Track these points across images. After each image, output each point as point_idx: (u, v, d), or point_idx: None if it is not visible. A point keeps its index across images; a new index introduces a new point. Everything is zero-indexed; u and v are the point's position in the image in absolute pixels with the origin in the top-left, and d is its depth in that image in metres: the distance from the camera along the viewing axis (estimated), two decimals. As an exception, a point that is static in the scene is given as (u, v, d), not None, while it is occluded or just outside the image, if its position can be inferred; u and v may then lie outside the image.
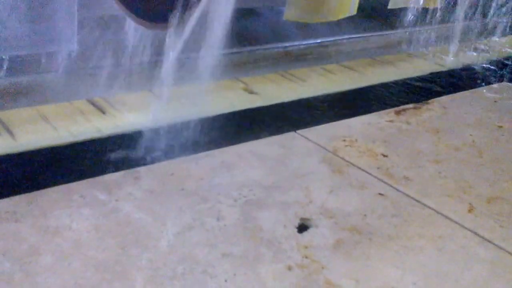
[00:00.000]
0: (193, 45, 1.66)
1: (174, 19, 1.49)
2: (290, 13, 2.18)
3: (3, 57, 1.64)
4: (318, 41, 2.58)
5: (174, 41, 1.66)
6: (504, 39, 3.31)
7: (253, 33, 2.38)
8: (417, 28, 2.79)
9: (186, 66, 1.71)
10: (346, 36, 2.70)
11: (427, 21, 2.75)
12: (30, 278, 1.03)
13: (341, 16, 2.29)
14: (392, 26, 2.78)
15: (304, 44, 2.53)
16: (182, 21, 1.47)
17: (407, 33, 2.81)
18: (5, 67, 1.66)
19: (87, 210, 1.24)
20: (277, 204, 1.37)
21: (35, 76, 1.76)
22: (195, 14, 1.42)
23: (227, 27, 1.64)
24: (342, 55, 2.62)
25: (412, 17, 2.65)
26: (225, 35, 1.65)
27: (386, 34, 2.86)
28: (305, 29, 2.49)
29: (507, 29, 3.34)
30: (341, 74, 2.41)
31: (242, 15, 2.27)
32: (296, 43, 2.51)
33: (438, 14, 2.76)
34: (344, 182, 1.51)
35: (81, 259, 1.10)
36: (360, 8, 2.36)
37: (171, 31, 1.52)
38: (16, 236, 1.13)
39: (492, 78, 2.59)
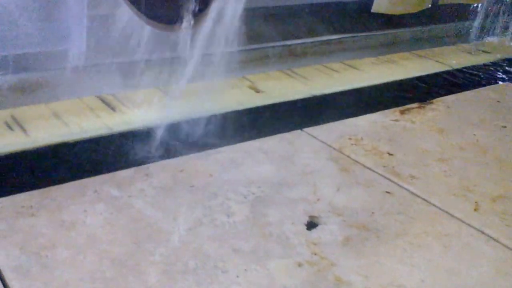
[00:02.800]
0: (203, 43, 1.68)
1: (185, 21, 1.49)
2: (378, 6, 2.33)
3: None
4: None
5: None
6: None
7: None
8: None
9: (194, 64, 1.73)
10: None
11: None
12: (47, 271, 1.05)
13: (421, 8, 2.44)
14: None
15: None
16: (193, 23, 1.48)
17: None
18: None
19: (101, 206, 1.27)
20: (285, 201, 1.39)
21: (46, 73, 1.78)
22: (206, 16, 1.43)
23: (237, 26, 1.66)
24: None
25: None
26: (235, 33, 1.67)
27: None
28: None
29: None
30: (345, 72, 2.43)
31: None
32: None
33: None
34: (351, 180, 1.53)
35: (96, 253, 1.12)
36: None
37: (182, 32, 1.53)
38: (33, 230, 1.15)
39: (495, 78, 2.61)
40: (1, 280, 1.02)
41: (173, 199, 1.34)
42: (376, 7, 2.41)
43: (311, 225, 1.32)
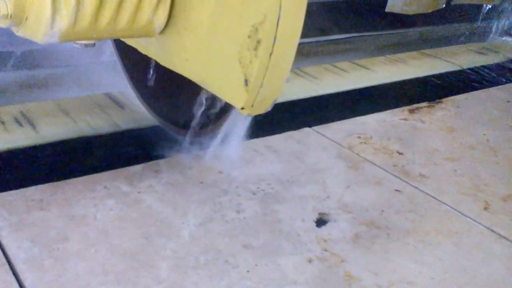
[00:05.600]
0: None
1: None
2: (392, 5, 2.35)
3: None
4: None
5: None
6: None
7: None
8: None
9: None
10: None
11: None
12: (59, 264, 1.06)
13: (435, 8, 2.47)
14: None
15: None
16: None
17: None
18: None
19: (111, 201, 1.27)
20: (295, 198, 1.39)
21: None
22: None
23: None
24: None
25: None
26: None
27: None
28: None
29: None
30: (354, 72, 2.43)
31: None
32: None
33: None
34: (360, 178, 1.53)
35: (107, 247, 1.12)
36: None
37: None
38: (44, 223, 1.16)
39: (505, 78, 2.60)
40: (13, 272, 1.02)
41: (182, 195, 1.34)
42: (390, 7, 2.42)
43: (321, 222, 1.32)
